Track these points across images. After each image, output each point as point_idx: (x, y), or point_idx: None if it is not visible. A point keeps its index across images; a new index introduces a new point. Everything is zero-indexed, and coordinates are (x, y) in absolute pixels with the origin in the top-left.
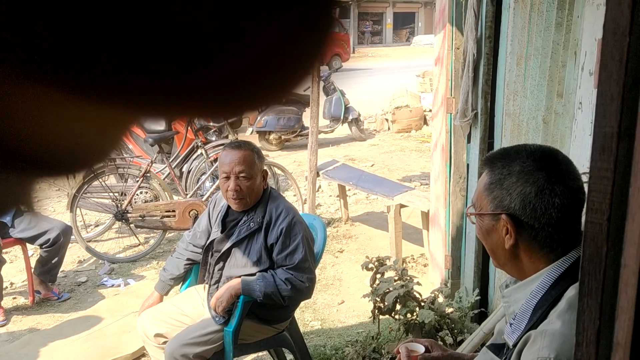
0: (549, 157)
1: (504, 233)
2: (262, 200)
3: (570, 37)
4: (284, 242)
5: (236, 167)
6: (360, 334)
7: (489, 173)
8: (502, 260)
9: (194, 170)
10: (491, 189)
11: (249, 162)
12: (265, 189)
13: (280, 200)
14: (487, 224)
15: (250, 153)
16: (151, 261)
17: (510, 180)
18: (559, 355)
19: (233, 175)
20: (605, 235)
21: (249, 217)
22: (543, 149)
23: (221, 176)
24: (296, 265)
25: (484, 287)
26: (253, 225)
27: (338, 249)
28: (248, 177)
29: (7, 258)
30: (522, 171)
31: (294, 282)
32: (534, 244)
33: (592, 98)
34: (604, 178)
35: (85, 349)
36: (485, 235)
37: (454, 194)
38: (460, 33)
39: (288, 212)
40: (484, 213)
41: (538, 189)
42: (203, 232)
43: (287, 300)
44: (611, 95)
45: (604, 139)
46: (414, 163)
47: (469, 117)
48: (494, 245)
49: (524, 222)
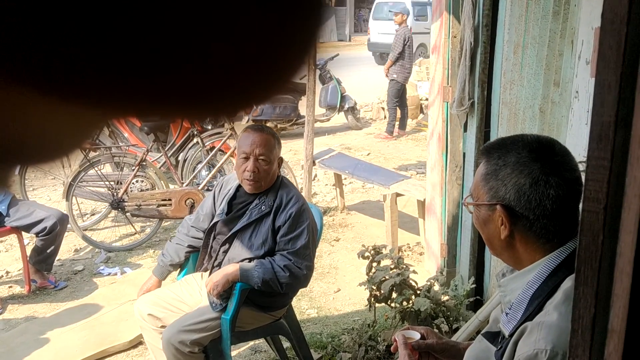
0: (545, 148)
1: (499, 223)
2: (274, 186)
3: (567, 25)
4: (291, 226)
5: (257, 149)
6: (356, 322)
7: (485, 163)
8: (499, 249)
9: (190, 159)
10: (487, 179)
11: (270, 146)
12: (278, 175)
13: (291, 188)
14: (483, 214)
15: (271, 138)
16: (147, 250)
17: (505, 171)
18: (555, 347)
19: (253, 156)
20: (601, 224)
21: (261, 200)
22: (540, 139)
23: (240, 156)
24: (297, 250)
25: (479, 275)
26: (265, 209)
27: (334, 237)
28: (267, 161)
29: (3, 247)
30: (518, 162)
31: (292, 268)
32: (529, 235)
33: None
34: (601, 167)
35: (82, 337)
36: (482, 225)
37: (450, 182)
38: (457, 21)
39: (298, 199)
40: (481, 203)
41: (532, 181)
42: (207, 215)
43: (284, 287)
44: (609, 85)
45: (601, 128)
46: (410, 152)
47: (465, 105)
48: (490, 235)
49: (519, 213)
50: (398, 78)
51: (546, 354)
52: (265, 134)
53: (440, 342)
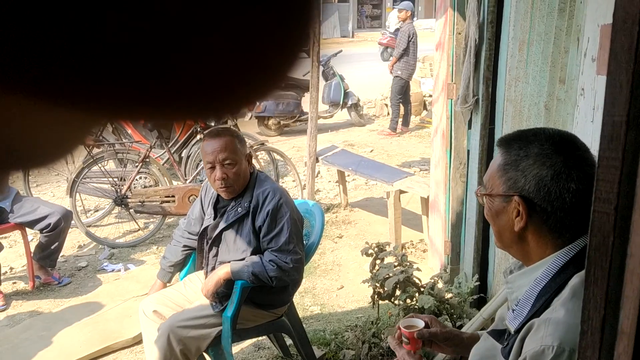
0: (567, 141)
1: (514, 215)
2: (249, 185)
3: (573, 22)
4: (270, 225)
5: (220, 155)
6: (359, 319)
7: (504, 154)
8: (508, 242)
9: (193, 156)
10: (506, 169)
11: (232, 148)
12: (252, 172)
13: (267, 183)
14: (497, 204)
15: (231, 139)
16: (151, 246)
17: (527, 162)
18: (562, 343)
19: (218, 163)
20: (612, 225)
21: (237, 202)
22: (562, 133)
23: (206, 167)
24: (279, 247)
25: (483, 272)
26: (241, 211)
27: (337, 234)
28: (233, 163)
29: (7, 243)
30: (540, 154)
31: (278, 263)
32: (543, 228)
33: (594, 84)
34: (611, 167)
35: (86, 334)
36: (494, 216)
37: (454, 180)
38: (462, 18)
39: (275, 194)
40: (496, 194)
41: (555, 173)
42: (196, 219)
43: (275, 280)
44: (620, 84)
45: (613, 128)
46: (414, 149)
47: (470, 103)
48: (502, 227)
49: (537, 205)
50: (402, 74)
51: (553, 350)
52: (224, 137)
53: (444, 330)
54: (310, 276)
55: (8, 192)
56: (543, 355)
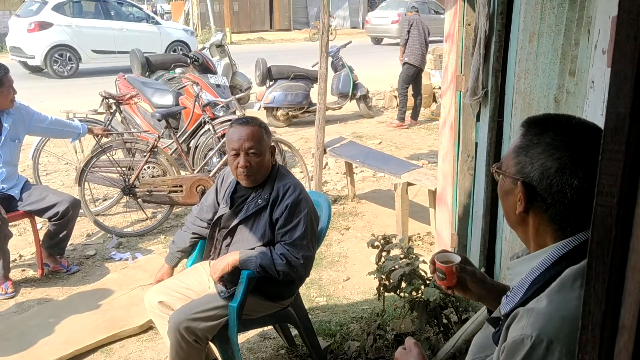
0: (584, 136)
1: (517, 198)
2: (271, 177)
3: (584, 14)
4: (287, 218)
5: (245, 144)
6: (365, 311)
7: (521, 136)
8: (514, 223)
9: (202, 146)
10: (518, 152)
11: (258, 137)
12: (274, 165)
13: (288, 177)
14: (507, 185)
15: (258, 129)
16: (158, 236)
17: (536, 149)
18: (540, 334)
19: (242, 151)
20: (614, 219)
21: (257, 193)
22: (584, 126)
23: (230, 153)
24: (293, 241)
25: (489, 266)
26: (261, 202)
27: (344, 226)
28: (257, 153)
29: (16, 231)
30: (551, 144)
31: (288, 257)
32: (543, 217)
33: (604, 77)
34: (615, 160)
35: (94, 321)
36: (503, 195)
37: (461, 172)
38: (472, 9)
39: (295, 188)
40: (506, 175)
41: (560, 166)
42: (209, 206)
43: (281, 274)
44: (625, 76)
45: (617, 119)
46: (422, 141)
47: (479, 95)
48: (508, 207)
49: (538, 194)
50: (409, 60)
51: (531, 339)
52: (251, 126)
53: (480, 271)
54: (316, 267)
55: (18, 180)
56: (522, 345)
